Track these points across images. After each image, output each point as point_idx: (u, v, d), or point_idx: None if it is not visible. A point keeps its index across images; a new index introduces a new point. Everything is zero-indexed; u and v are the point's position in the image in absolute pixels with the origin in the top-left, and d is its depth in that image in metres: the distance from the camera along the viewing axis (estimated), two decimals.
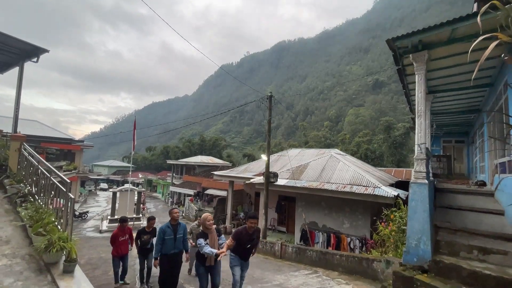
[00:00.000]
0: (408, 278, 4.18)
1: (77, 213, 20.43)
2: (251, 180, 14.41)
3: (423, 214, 4.48)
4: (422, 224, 4.42)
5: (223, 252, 3.83)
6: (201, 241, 3.90)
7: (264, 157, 12.92)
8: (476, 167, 10.37)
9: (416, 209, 4.50)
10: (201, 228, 5.72)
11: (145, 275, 5.67)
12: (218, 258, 3.84)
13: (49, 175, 4.03)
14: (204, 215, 4.16)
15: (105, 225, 16.66)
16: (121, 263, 5.90)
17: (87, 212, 21.87)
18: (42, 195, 4.21)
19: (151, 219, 5.83)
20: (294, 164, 14.54)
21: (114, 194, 18.02)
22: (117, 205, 17.62)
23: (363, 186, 10.44)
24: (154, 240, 5.52)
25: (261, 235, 4.39)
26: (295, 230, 13.14)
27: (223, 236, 4.31)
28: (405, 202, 6.85)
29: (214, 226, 4.24)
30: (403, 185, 12.41)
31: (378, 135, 45.60)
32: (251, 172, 17.46)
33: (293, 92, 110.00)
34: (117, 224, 16.17)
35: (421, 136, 4.67)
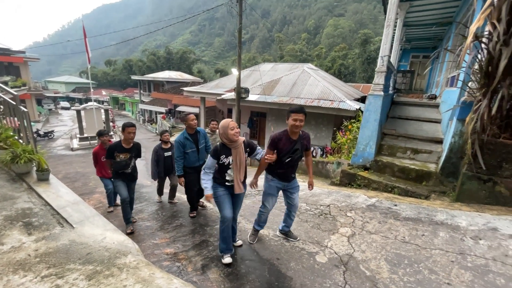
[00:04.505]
0: (352, 174, 5.05)
1: (41, 132, 19.58)
2: (222, 96, 14.27)
3: (374, 123, 5.02)
4: (372, 131, 5.02)
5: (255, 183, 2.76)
6: (210, 163, 2.56)
7: (235, 71, 12.41)
8: (433, 82, 11.10)
9: (368, 118, 5.01)
10: (217, 139, 4.32)
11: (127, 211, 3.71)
12: (253, 187, 2.78)
13: None
14: (224, 121, 2.56)
15: (75, 143, 16.46)
16: (111, 183, 4.59)
17: (53, 131, 21.03)
18: None
19: (127, 126, 3.45)
20: (266, 79, 14.33)
21: (78, 112, 17.09)
22: (84, 123, 17.01)
23: (330, 100, 10.95)
24: (140, 161, 4.42)
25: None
26: (265, 143, 14.20)
27: (259, 149, 2.85)
28: None
29: (242, 138, 2.67)
30: None
31: (354, 50, 44.57)
32: (222, 88, 17.07)
33: None
34: (88, 142, 16.20)
35: (386, 48, 4.71)
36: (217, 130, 4.77)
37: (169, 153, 4.68)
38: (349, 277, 2.35)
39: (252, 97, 12.34)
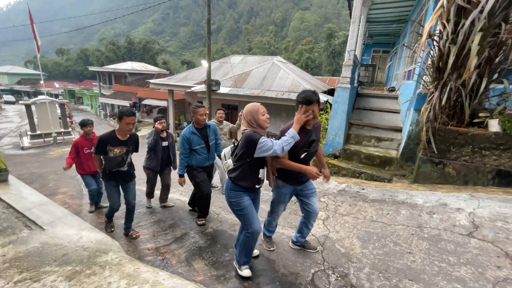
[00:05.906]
0: None
1: None
2: (192, 89, 13.88)
3: (342, 114, 5.35)
4: (340, 122, 5.34)
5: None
6: (267, 141, 1.96)
7: (204, 63, 12.13)
8: (392, 75, 12.02)
9: (337, 110, 5.32)
10: (225, 130, 4.47)
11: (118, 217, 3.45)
12: None
13: None
14: (253, 105, 2.13)
15: (26, 141, 14.83)
16: (95, 181, 3.95)
17: None
18: None
19: (126, 115, 2.79)
20: (236, 72, 14.24)
21: (28, 107, 15.35)
22: (36, 119, 15.35)
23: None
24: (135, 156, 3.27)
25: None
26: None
27: None
28: None
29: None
30: (334, 92, 13.81)
31: (319, 43, 46.09)
32: (191, 80, 16.57)
33: None
34: (42, 140, 14.71)
35: (352, 43, 5.01)
36: (224, 121, 4.54)
37: (166, 143, 3.94)
38: (326, 255, 2.56)
39: (223, 89, 12.21)
